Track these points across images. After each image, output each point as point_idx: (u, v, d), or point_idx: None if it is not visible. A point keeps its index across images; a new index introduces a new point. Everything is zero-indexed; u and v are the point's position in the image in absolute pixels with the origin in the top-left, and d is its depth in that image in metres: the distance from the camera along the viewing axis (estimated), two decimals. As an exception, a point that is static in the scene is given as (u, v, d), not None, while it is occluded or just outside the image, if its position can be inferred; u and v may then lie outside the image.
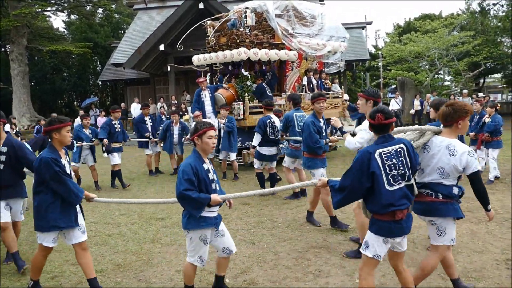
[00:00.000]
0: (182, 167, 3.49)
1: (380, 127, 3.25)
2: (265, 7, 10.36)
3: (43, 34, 25.67)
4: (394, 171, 3.16)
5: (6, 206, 4.66)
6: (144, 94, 23.47)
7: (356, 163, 3.23)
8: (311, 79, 11.77)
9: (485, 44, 23.37)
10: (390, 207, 3.14)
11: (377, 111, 3.24)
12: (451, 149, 3.38)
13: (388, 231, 3.21)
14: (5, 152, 4.52)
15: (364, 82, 32.44)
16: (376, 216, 3.25)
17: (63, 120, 3.87)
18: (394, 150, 3.21)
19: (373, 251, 3.27)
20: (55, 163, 3.70)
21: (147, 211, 6.97)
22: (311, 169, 5.83)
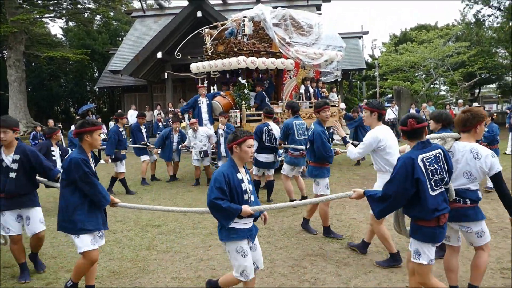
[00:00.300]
0: (215, 175, 3.42)
1: (414, 132, 3.30)
2: (263, 16, 10.40)
3: (41, 40, 25.69)
4: (436, 176, 3.21)
5: (17, 217, 4.54)
6: (141, 101, 23.48)
7: (399, 170, 3.23)
8: (308, 88, 11.83)
9: (480, 55, 23.58)
10: (435, 212, 3.18)
11: (408, 117, 3.31)
12: (475, 152, 3.50)
13: (433, 236, 3.24)
14: (17, 160, 4.43)
15: (361, 91, 32.62)
16: (420, 222, 3.26)
17: (95, 123, 3.89)
18: (433, 155, 3.26)
19: (427, 258, 3.27)
20: (85, 164, 3.68)
21: (143, 218, 6.96)
22: (318, 178, 5.74)
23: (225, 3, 24.59)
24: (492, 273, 4.37)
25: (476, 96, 28.97)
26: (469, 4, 23.63)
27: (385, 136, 4.50)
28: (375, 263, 4.75)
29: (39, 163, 4.51)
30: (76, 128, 3.83)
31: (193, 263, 4.92)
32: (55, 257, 5.21)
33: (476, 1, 23.03)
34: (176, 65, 19.30)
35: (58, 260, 5.15)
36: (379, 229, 4.67)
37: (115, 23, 34.58)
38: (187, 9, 18.75)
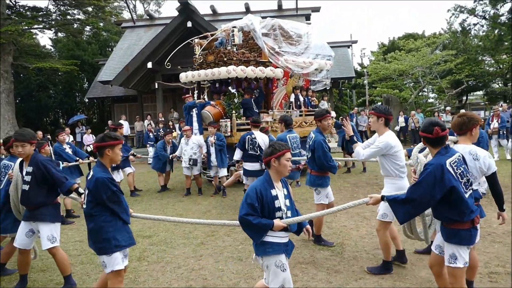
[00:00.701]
0: (248, 190, 3.35)
1: (439, 140, 3.36)
2: (252, 26, 10.50)
3: (30, 51, 25.52)
4: (464, 178, 3.31)
5: (28, 232, 4.48)
6: (132, 111, 23.43)
7: (428, 176, 3.26)
8: (299, 97, 11.90)
9: (467, 63, 23.94)
10: (471, 214, 3.26)
11: (433, 124, 3.35)
12: (474, 154, 3.67)
13: (470, 238, 3.32)
14: (30, 172, 4.39)
15: (351, 100, 32.85)
16: (456, 226, 3.31)
17: (117, 137, 3.73)
18: (457, 159, 3.35)
19: (463, 260, 3.34)
20: (111, 183, 3.55)
21: (134, 228, 6.90)
22: (319, 187, 5.72)
23: (215, 13, 24.72)
24: (481, 277, 4.42)
25: (463, 103, 29.30)
26: (455, 14, 24.07)
27: (396, 142, 4.59)
28: (365, 270, 4.78)
29: (51, 175, 4.39)
30: (96, 142, 3.69)
31: (184, 273, 4.91)
32: (44, 271, 5.17)
33: (462, 10, 23.44)
34: (166, 75, 19.32)
35: (47, 273, 5.11)
36: (385, 235, 4.70)
37: (105, 34, 34.53)
38: (177, 20, 18.84)
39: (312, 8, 24.96)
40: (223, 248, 5.74)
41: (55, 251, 4.48)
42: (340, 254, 5.32)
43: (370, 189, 9.59)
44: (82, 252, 5.82)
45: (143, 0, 46.12)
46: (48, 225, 4.45)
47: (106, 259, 3.56)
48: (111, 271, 3.57)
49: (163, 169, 10.35)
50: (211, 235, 6.38)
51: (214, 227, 6.81)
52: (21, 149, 4.35)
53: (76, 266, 5.24)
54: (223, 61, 10.18)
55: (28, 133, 4.49)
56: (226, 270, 4.95)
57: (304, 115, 11.74)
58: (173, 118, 19.01)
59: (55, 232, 4.49)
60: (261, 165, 7.92)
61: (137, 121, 20.13)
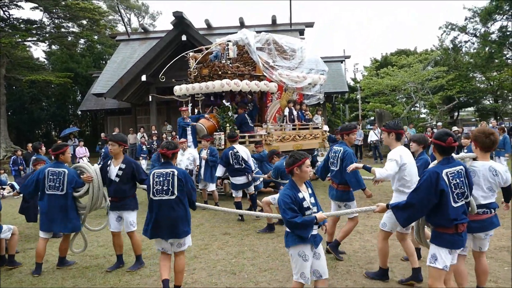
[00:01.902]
0: (281, 198, 3.73)
1: (449, 149, 3.61)
2: (247, 40, 10.59)
3: (23, 63, 25.50)
4: (458, 189, 3.52)
5: (117, 217, 5.54)
6: (125, 124, 23.36)
7: (425, 182, 3.53)
8: (292, 110, 11.96)
9: (458, 79, 24.22)
10: (454, 221, 3.49)
11: (447, 134, 3.61)
12: (493, 170, 3.87)
13: (452, 243, 3.56)
14: (123, 168, 5.36)
15: (344, 114, 33.03)
16: (440, 229, 3.59)
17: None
18: (456, 171, 3.57)
19: (442, 263, 3.57)
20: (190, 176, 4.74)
21: (127, 242, 6.82)
22: (349, 201, 5.70)
23: (209, 27, 24.90)
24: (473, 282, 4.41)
25: (455, 119, 29.57)
26: (446, 31, 24.42)
27: (405, 156, 4.64)
28: (364, 274, 4.93)
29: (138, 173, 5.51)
30: (166, 149, 4.55)
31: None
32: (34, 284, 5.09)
33: (453, 28, 23.79)
34: (161, 87, 19.33)
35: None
36: (384, 244, 4.80)
37: (99, 47, 34.62)
38: (172, 33, 18.93)
39: (306, 24, 25.26)
40: (216, 261, 5.69)
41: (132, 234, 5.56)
42: (333, 268, 5.28)
43: (363, 203, 9.51)
44: (74, 266, 5.75)
45: (137, 14, 46.39)
46: (130, 212, 5.51)
47: (187, 238, 4.60)
48: (187, 247, 4.66)
49: None
50: (204, 249, 6.33)
51: (208, 240, 6.76)
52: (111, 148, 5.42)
53: (67, 280, 5.17)
54: (217, 74, 10.22)
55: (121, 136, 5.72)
56: (219, 284, 4.91)
57: (298, 129, 11.76)
58: (166, 131, 18.98)
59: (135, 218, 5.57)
60: (248, 177, 8.09)
61: (131, 134, 20.05)
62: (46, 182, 5.37)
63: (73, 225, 5.47)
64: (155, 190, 4.47)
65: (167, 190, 4.42)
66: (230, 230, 7.41)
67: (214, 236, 7.06)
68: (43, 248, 5.46)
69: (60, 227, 5.43)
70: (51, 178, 5.37)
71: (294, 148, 10.64)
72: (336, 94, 24.04)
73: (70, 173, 5.44)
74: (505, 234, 6.40)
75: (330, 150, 6.17)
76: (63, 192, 5.35)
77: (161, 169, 4.54)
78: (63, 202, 5.35)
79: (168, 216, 4.40)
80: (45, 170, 5.45)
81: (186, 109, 10.82)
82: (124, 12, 41.38)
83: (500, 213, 4.51)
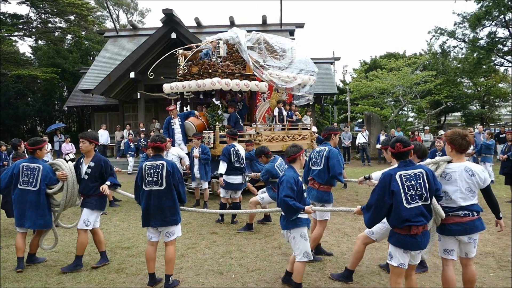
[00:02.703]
0: (286, 178, 4.33)
1: (400, 154, 3.80)
2: (238, 39, 10.47)
3: (9, 58, 25.08)
4: (412, 191, 3.63)
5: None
6: (112, 120, 23.12)
7: (379, 184, 3.76)
8: (282, 111, 11.92)
9: (446, 84, 24.43)
10: (406, 222, 3.59)
11: (396, 141, 3.80)
12: (469, 170, 3.86)
13: (404, 243, 3.67)
14: (92, 166, 5.38)
15: (332, 115, 33.14)
16: (395, 229, 3.72)
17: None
18: (413, 174, 3.68)
19: (397, 261, 3.73)
20: (177, 169, 4.78)
21: (112, 239, 6.75)
22: (327, 203, 5.63)
23: (199, 25, 24.78)
24: None
25: (442, 124, 29.84)
26: (435, 35, 24.57)
27: None
28: (329, 276, 4.95)
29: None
30: (154, 142, 4.77)
31: (163, 287, 4.76)
32: (18, 281, 4.96)
33: (442, 32, 23.97)
34: (149, 85, 19.17)
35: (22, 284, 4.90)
36: (361, 248, 4.79)
37: (86, 43, 34.24)
38: (161, 30, 18.78)
39: (296, 24, 25.29)
40: (203, 261, 5.62)
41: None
42: (321, 270, 5.25)
43: (350, 205, 9.60)
44: (59, 263, 5.62)
45: (126, 11, 45.99)
46: (88, 211, 5.42)
47: (176, 228, 4.75)
48: (175, 238, 4.75)
49: None
50: (192, 248, 6.26)
51: (195, 239, 6.69)
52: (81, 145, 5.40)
53: (51, 278, 5.05)
54: (207, 72, 10.12)
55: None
56: (206, 283, 4.84)
57: (287, 129, 11.73)
58: (154, 128, 18.81)
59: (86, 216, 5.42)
60: (243, 178, 7.94)
61: (118, 131, 19.85)
62: (20, 177, 5.34)
63: (44, 222, 5.41)
64: (146, 181, 4.65)
65: (157, 181, 4.60)
66: (217, 230, 7.34)
67: (202, 235, 6.99)
68: (22, 242, 5.37)
69: (29, 222, 5.32)
70: (26, 173, 5.34)
71: (283, 148, 10.59)
72: (325, 95, 24.11)
73: (45, 169, 5.40)
74: (490, 240, 6.41)
75: (312, 151, 6.11)
76: (35, 188, 5.31)
77: (152, 161, 4.70)
78: (35, 198, 5.30)
79: (157, 205, 4.60)
80: (20, 165, 5.40)
81: (174, 108, 10.63)
82: (112, 8, 41.01)
83: (485, 218, 4.51)
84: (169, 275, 4.66)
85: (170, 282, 4.65)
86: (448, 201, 3.87)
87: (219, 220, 7.97)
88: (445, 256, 4.00)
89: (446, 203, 3.88)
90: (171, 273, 4.69)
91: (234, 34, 10.71)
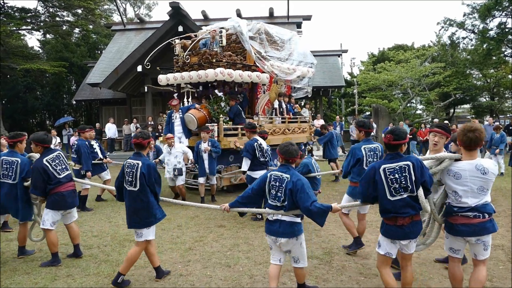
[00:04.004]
0: (303, 181, 3.88)
1: (389, 146, 3.78)
2: (239, 28, 10.06)
3: (17, 52, 25.20)
4: (396, 184, 3.65)
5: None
6: (120, 114, 23.24)
7: (365, 176, 3.84)
8: (282, 103, 11.67)
9: (455, 76, 24.21)
10: (391, 213, 3.69)
11: (389, 132, 3.75)
12: (480, 168, 3.62)
13: (392, 233, 3.75)
14: None
15: (340, 108, 33.01)
16: (384, 220, 3.82)
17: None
18: (398, 167, 3.66)
19: (384, 249, 3.84)
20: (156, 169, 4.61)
21: (121, 232, 6.81)
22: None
23: (206, 18, 24.71)
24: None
25: (451, 116, 29.63)
26: (444, 27, 24.36)
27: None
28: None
29: None
30: (137, 138, 4.58)
31: (171, 279, 4.81)
32: (28, 273, 5.03)
33: (451, 24, 23.73)
34: (156, 78, 19.18)
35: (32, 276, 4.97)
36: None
37: (94, 36, 34.31)
38: (168, 24, 18.77)
39: (303, 17, 25.14)
40: (211, 254, 5.65)
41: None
42: (328, 263, 5.26)
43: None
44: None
45: (133, 4, 45.98)
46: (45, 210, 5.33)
47: (145, 231, 4.53)
48: (144, 240, 4.56)
49: None
50: (199, 241, 6.29)
51: (203, 233, 6.72)
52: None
53: (60, 270, 5.11)
54: (209, 62, 9.73)
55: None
56: (214, 276, 4.87)
57: (288, 122, 11.49)
58: (162, 122, 18.85)
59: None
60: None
61: (125, 124, 19.95)
62: (0, 170, 5.44)
63: (23, 214, 5.49)
64: (126, 180, 4.56)
65: (131, 181, 4.49)
66: (225, 223, 7.37)
67: (209, 229, 7.02)
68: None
69: (12, 214, 5.59)
70: (5, 167, 5.43)
71: (283, 142, 10.26)
72: (332, 88, 24.00)
73: (23, 162, 5.45)
74: (500, 233, 6.38)
75: (358, 148, 5.37)
76: (14, 182, 5.41)
77: (131, 159, 4.58)
78: (14, 191, 5.41)
79: (131, 206, 4.54)
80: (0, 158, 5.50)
81: (178, 103, 10.17)
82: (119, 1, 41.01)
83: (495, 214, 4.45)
84: (121, 274, 4.54)
85: (120, 280, 4.53)
86: (458, 200, 3.69)
87: (256, 219, 7.54)
88: (451, 254, 3.90)
89: (455, 203, 3.72)
90: (125, 273, 4.57)
91: (235, 23, 10.29)
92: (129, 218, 4.58)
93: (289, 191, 3.84)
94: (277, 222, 3.97)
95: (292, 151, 4.04)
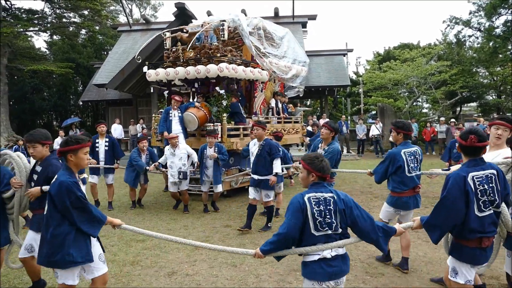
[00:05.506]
0: (350, 197, 3.08)
1: (472, 149, 3.14)
2: (239, 22, 9.55)
3: (25, 53, 25.39)
4: (485, 196, 3.05)
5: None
6: (126, 114, 23.33)
7: (452, 189, 3.06)
8: (278, 103, 11.51)
9: (461, 74, 24.06)
10: (477, 233, 3.04)
11: (470, 132, 3.13)
12: None
13: (472, 257, 3.12)
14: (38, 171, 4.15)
15: (345, 108, 32.95)
16: (460, 241, 3.14)
17: (80, 140, 3.41)
18: (485, 175, 3.09)
19: (464, 278, 3.17)
20: (76, 188, 3.26)
21: (127, 232, 6.84)
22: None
23: (211, 19, 24.69)
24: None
25: (457, 114, 29.46)
26: (450, 25, 24.20)
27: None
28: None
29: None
30: (60, 146, 3.44)
31: (178, 279, 4.85)
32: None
33: (457, 22, 23.58)
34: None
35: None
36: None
37: (100, 37, 34.45)
38: (173, 24, 18.77)
39: (308, 16, 25.10)
40: (217, 253, 5.69)
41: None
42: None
43: (364, 197, 9.60)
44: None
45: (139, 5, 46.15)
46: (31, 233, 4.17)
47: (59, 271, 3.33)
48: (63, 284, 3.35)
49: (135, 183, 8.79)
50: (205, 240, 6.33)
51: (209, 233, 6.76)
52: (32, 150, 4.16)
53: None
54: (209, 57, 9.11)
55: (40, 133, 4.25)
56: (220, 276, 4.90)
57: (283, 122, 11.27)
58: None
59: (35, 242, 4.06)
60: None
61: (132, 125, 20.05)
62: None
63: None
64: None
65: None
66: (231, 223, 7.41)
67: (215, 229, 7.06)
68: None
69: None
70: None
71: (279, 143, 9.70)
72: (338, 87, 23.94)
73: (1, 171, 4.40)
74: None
75: (397, 153, 4.84)
76: None
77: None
78: None
79: None
80: None
81: (181, 100, 9.54)
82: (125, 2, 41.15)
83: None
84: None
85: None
86: None
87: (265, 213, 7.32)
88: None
89: None
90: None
91: (235, 16, 9.73)
92: None
93: (341, 212, 2.95)
94: (337, 259, 2.97)
95: (327, 168, 3.06)
